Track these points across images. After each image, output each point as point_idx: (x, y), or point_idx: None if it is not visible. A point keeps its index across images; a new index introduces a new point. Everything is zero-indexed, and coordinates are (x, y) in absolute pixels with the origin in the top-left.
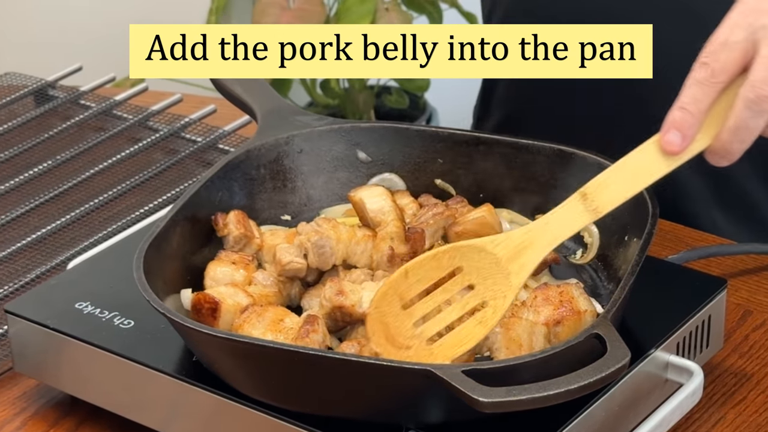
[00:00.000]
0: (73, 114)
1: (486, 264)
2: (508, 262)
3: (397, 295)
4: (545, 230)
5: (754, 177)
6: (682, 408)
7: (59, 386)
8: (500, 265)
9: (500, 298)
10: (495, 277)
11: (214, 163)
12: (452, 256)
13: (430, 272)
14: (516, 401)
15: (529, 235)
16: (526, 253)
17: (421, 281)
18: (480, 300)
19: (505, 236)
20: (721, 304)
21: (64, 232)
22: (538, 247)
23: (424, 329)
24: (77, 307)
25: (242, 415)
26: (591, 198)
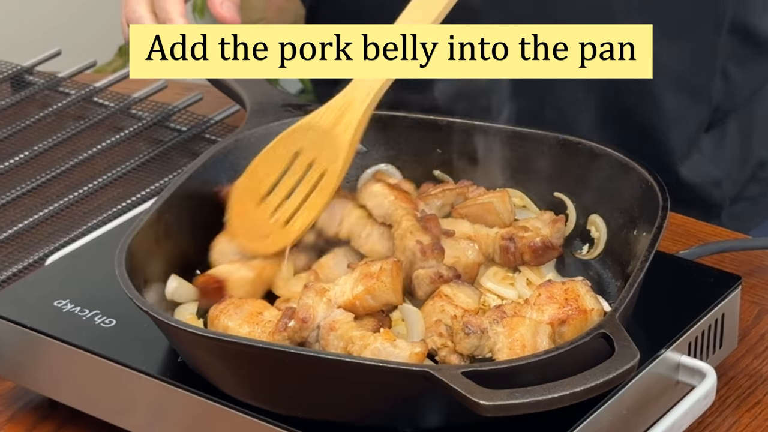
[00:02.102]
0: (51, 101)
1: (318, 137)
2: (334, 126)
3: (249, 194)
4: (359, 86)
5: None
6: (694, 411)
7: (37, 389)
8: (329, 133)
9: (334, 160)
10: (327, 146)
11: (200, 154)
12: (286, 143)
13: (274, 164)
14: (519, 404)
15: (346, 97)
16: (348, 112)
17: (269, 174)
18: (321, 170)
19: (326, 106)
20: (735, 302)
21: (43, 227)
22: (357, 102)
23: (279, 215)
24: (56, 305)
25: (230, 419)
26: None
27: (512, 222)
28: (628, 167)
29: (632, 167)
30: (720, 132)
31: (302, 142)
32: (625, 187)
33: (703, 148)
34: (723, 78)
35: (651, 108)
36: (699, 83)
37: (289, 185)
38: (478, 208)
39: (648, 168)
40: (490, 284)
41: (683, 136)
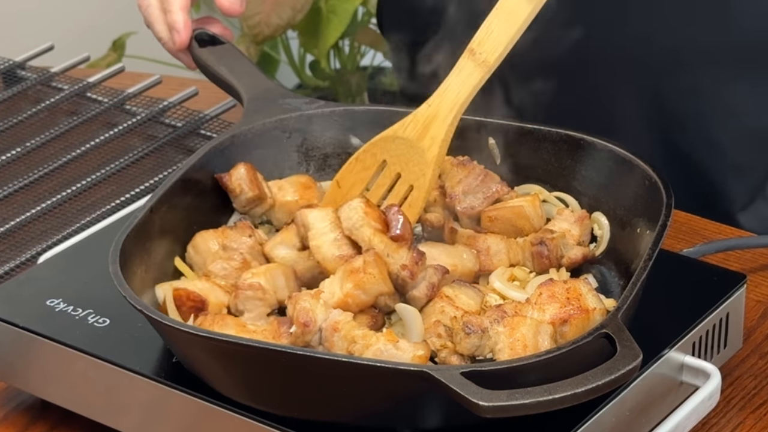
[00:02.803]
0: (44, 97)
1: (403, 149)
2: (419, 140)
3: (336, 205)
4: (444, 98)
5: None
6: (698, 413)
7: (29, 389)
8: (414, 146)
9: (421, 176)
10: (413, 159)
11: (195, 150)
12: (373, 153)
13: (359, 175)
14: (519, 405)
15: (431, 109)
16: (432, 126)
17: (355, 186)
18: (407, 185)
19: (411, 117)
20: (740, 301)
21: (35, 224)
22: (441, 116)
23: None
24: (48, 304)
25: (226, 420)
26: (477, 52)
27: (542, 227)
28: (632, 164)
29: (636, 164)
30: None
31: (389, 152)
32: (628, 184)
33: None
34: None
35: (711, 152)
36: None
37: (376, 196)
38: (507, 211)
39: (652, 164)
40: (498, 284)
41: (747, 184)
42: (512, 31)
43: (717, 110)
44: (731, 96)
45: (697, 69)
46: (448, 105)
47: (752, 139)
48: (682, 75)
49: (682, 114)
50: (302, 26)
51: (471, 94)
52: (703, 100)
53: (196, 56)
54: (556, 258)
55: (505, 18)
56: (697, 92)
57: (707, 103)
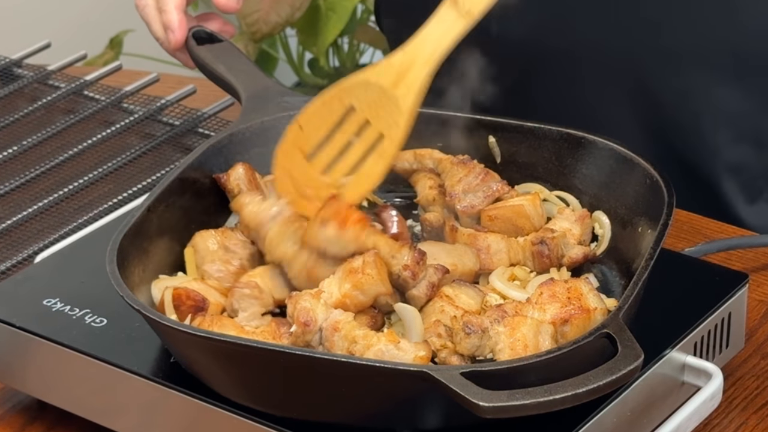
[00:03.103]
0: (40, 95)
1: (374, 96)
2: (394, 87)
3: (297, 149)
4: (423, 45)
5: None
6: (699, 413)
7: (26, 390)
8: (388, 93)
9: (393, 126)
10: (386, 107)
11: (193, 148)
12: (341, 98)
13: (324, 119)
14: (519, 406)
15: (408, 55)
16: (409, 74)
17: (318, 129)
18: (377, 133)
19: (386, 63)
20: (742, 301)
21: (32, 224)
22: (419, 64)
23: (331, 175)
24: (45, 303)
25: (224, 421)
26: (461, 2)
27: (542, 226)
28: (633, 162)
29: (637, 162)
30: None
31: (358, 98)
32: (630, 183)
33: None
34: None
35: (705, 152)
36: (765, 130)
37: (341, 142)
38: (508, 210)
39: (653, 162)
40: (498, 283)
41: (744, 183)
42: None
43: (709, 110)
44: (723, 96)
45: (688, 69)
46: (426, 53)
47: (746, 139)
48: (674, 75)
49: (675, 114)
50: (301, 24)
51: (451, 45)
52: (696, 100)
53: (194, 54)
54: (557, 257)
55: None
56: (690, 93)
57: (700, 103)
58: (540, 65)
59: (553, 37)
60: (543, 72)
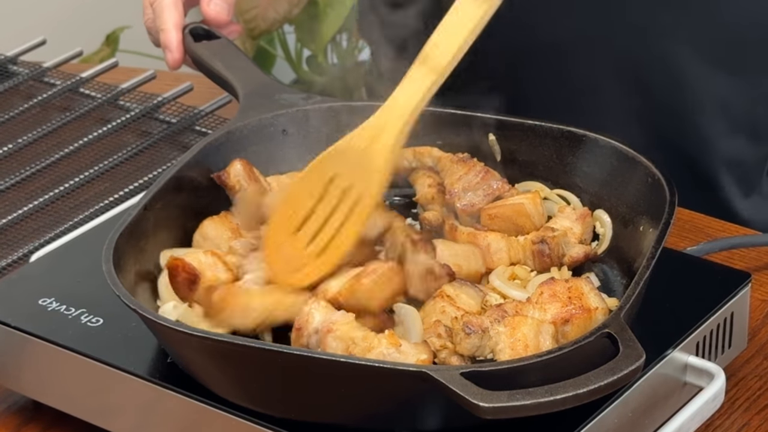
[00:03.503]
0: (36, 92)
1: (353, 160)
2: (368, 148)
3: (285, 227)
4: (395, 104)
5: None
6: (702, 414)
7: (21, 390)
8: (365, 155)
9: (370, 184)
10: (363, 170)
11: (190, 146)
12: (321, 168)
13: (310, 191)
14: (519, 406)
15: (381, 117)
16: (382, 135)
17: (305, 202)
18: (356, 196)
19: (360, 128)
20: (745, 301)
21: (27, 222)
22: (391, 123)
23: (314, 246)
24: (41, 303)
25: (221, 422)
26: (429, 57)
27: (543, 225)
28: (635, 160)
29: (639, 160)
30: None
31: (337, 165)
32: (631, 181)
33: (764, 190)
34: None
35: (701, 147)
36: (759, 123)
37: (325, 212)
38: (508, 209)
39: (655, 161)
40: (498, 282)
41: (741, 176)
42: (464, 34)
43: (705, 103)
44: (719, 88)
45: (683, 62)
46: (398, 112)
47: (741, 132)
48: (667, 68)
49: (671, 107)
50: (299, 21)
51: (422, 99)
52: (691, 92)
53: (191, 51)
54: (558, 256)
55: (457, 23)
56: (685, 85)
57: (695, 95)
58: (533, 60)
59: (542, 30)
60: (531, 66)
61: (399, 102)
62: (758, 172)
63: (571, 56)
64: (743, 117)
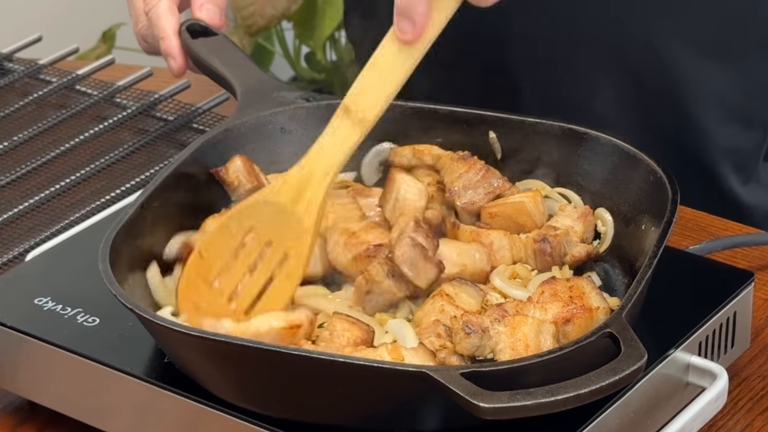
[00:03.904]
0: (31, 90)
1: (274, 216)
2: (294, 204)
3: (200, 277)
4: (319, 159)
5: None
6: (704, 414)
7: (16, 390)
8: (288, 212)
9: (298, 245)
10: (287, 226)
11: (188, 144)
12: (239, 221)
13: (226, 243)
14: (520, 407)
15: (305, 171)
16: (307, 190)
17: (221, 255)
18: (282, 253)
19: (282, 180)
20: (748, 300)
21: (22, 221)
22: (317, 178)
23: (238, 302)
24: (36, 302)
25: (219, 422)
26: (353, 110)
27: (544, 224)
28: (636, 158)
29: (640, 158)
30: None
31: (257, 219)
32: (633, 179)
33: (762, 177)
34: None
35: (697, 137)
36: (753, 111)
37: (242, 267)
38: (508, 208)
39: (657, 159)
40: (499, 282)
41: (738, 165)
42: (390, 89)
43: (699, 95)
44: (712, 80)
45: (675, 55)
46: (323, 167)
47: (736, 119)
48: (662, 61)
49: (665, 100)
50: (297, 17)
51: (348, 153)
52: (685, 84)
53: (189, 48)
54: (559, 255)
55: (382, 74)
56: (679, 77)
57: (689, 87)
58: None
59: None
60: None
61: (324, 155)
62: (755, 159)
63: (564, 53)
64: (737, 107)
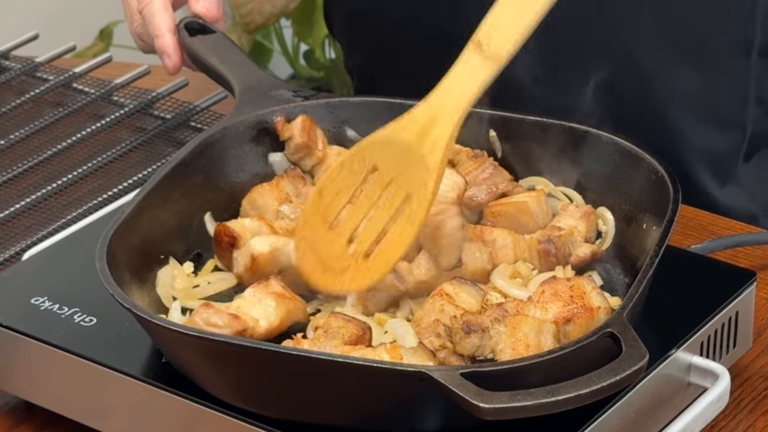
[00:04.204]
0: (28, 87)
1: (398, 154)
2: (419, 144)
3: (319, 217)
4: (447, 96)
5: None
6: (706, 415)
7: (13, 391)
8: (412, 151)
9: (421, 186)
10: (411, 165)
11: (185, 143)
12: (361, 158)
13: (346, 182)
14: (520, 407)
15: (432, 108)
16: (434, 128)
17: (340, 194)
18: (404, 194)
19: (408, 118)
20: (750, 299)
21: (19, 220)
22: (444, 117)
23: (357, 245)
24: (33, 302)
25: (217, 423)
26: (485, 44)
27: (547, 224)
28: (638, 157)
29: (642, 157)
30: (762, 162)
31: (380, 157)
32: (634, 178)
33: (741, 179)
34: (759, 105)
35: (673, 140)
36: (728, 112)
37: (365, 206)
38: (511, 207)
39: (658, 157)
40: (499, 281)
41: (715, 168)
42: (527, 22)
43: (671, 97)
44: (684, 83)
45: (647, 58)
46: (452, 104)
47: (711, 121)
48: (634, 60)
49: (637, 102)
50: (296, 15)
51: (479, 92)
52: (658, 85)
53: (186, 46)
54: (564, 256)
55: (518, 5)
56: (652, 81)
57: (662, 91)
58: None
59: None
60: None
61: (453, 92)
62: (733, 161)
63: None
64: (710, 109)
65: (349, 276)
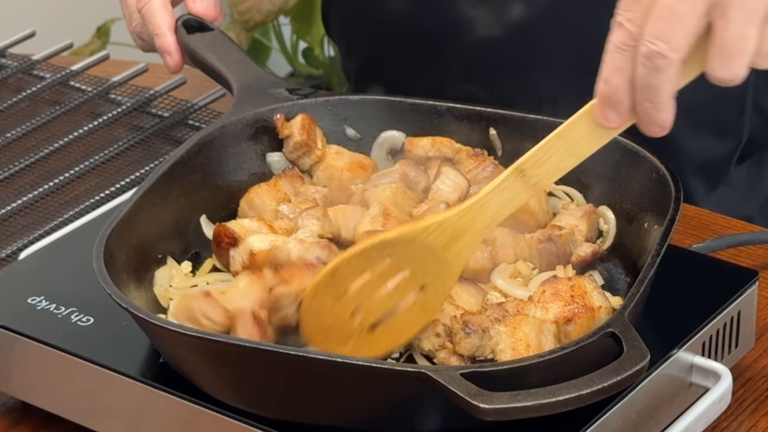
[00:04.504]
0: (25, 85)
1: (420, 253)
2: (444, 250)
3: (329, 292)
4: (481, 213)
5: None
6: (708, 415)
7: (9, 391)
8: (436, 254)
9: (440, 283)
10: (431, 264)
11: (183, 141)
12: (382, 249)
13: (362, 266)
14: (521, 408)
15: (463, 221)
16: (462, 239)
17: (353, 275)
18: (419, 283)
19: (438, 223)
20: (752, 299)
21: (16, 219)
22: (474, 232)
23: (363, 317)
24: (30, 302)
25: (215, 424)
26: (529, 175)
27: (548, 223)
28: (639, 155)
29: (643, 155)
30: (755, 166)
31: (403, 251)
32: (635, 177)
33: (734, 182)
34: (757, 113)
35: (666, 147)
36: (725, 120)
37: (373, 288)
38: None
39: (660, 156)
40: (499, 281)
41: (708, 174)
42: (572, 163)
43: None
44: (682, 90)
45: None
46: (484, 220)
47: (707, 130)
48: None
49: None
50: (295, 12)
51: (511, 212)
52: None
53: (184, 43)
54: (565, 255)
55: (568, 147)
56: None
57: None
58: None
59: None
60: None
61: (487, 210)
62: (725, 166)
63: (531, 66)
64: (708, 117)
65: (352, 345)
